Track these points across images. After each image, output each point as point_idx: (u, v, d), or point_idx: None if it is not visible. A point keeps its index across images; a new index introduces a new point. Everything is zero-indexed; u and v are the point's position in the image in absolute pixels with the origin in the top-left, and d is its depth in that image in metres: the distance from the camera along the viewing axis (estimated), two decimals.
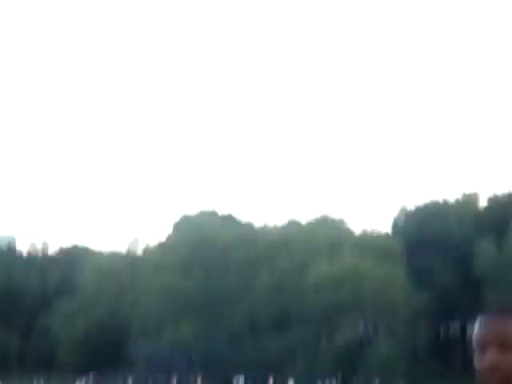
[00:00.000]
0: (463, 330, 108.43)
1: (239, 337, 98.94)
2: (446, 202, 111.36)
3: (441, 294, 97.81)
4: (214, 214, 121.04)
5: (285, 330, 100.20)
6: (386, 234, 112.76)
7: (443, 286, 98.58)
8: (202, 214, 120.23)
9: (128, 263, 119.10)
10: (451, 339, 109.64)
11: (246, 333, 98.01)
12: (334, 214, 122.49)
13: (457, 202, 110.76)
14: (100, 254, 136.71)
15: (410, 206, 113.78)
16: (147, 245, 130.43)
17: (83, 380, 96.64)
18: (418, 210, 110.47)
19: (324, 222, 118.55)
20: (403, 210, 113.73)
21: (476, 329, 2.71)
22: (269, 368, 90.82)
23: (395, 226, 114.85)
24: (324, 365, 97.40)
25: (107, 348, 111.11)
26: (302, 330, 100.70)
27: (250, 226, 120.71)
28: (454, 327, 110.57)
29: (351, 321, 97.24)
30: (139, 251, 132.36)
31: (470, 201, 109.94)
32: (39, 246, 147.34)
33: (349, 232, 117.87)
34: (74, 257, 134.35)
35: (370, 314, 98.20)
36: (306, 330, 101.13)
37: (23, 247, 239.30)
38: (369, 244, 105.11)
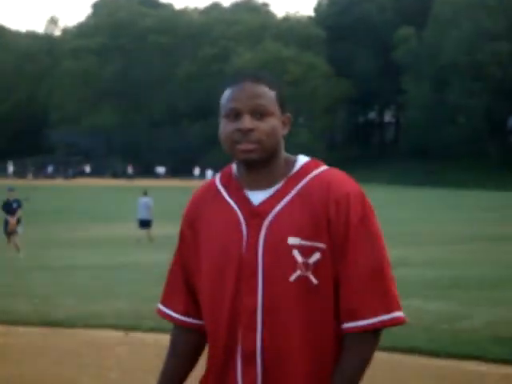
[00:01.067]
0: (381, 116, 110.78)
1: (160, 124, 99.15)
2: None
3: (360, 81, 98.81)
4: None
5: (205, 119, 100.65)
6: (309, 19, 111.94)
7: (363, 73, 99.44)
8: None
9: (46, 46, 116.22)
10: (369, 125, 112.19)
11: (167, 121, 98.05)
12: None
13: None
14: (17, 33, 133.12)
15: None
16: (65, 25, 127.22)
17: (9, 164, 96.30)
18: None
19: (247, 6, 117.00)
20: None
21: (228, 95, 2.59)
22: (191, 158, 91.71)
23: (317, 10, 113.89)
24: None
25: (26, 134, 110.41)
26: None
27: (170, 8, 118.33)
28: (372, 114, 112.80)
29: None
30: (57, 32, 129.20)
31: None
32: None
33: (272, 16, 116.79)
34: None
35: (291, 102, 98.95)
36: None
37: None
38: (291, 30, 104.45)
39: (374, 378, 7.59)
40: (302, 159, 2.65)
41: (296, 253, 2.48)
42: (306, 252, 2.48)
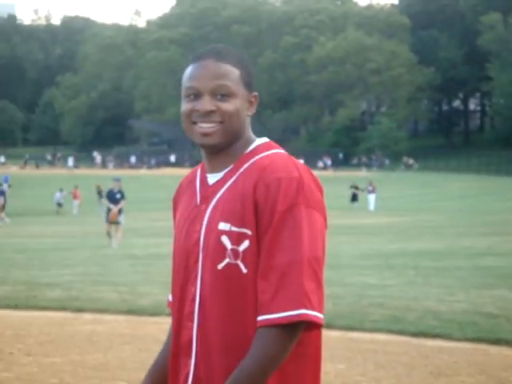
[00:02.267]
0: (466, 104, 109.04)
1: None
2: None
3: (444, 69, 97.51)
4: None
5: (288, 107, 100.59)
6: (392, 7, 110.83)
7: (447, 61, 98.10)
8: None
9: (130, 37, 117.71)
10: (453, 113, 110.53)
11: None
12: None
13: None
14: (102, 25, 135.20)
15: None
16: (150, 17, 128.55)
17: (96, 154, 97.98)
18: None
19: None
20: None
21: (188, 73, 2.42)
22: None
23: None
24: (326, 142, 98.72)
25: (111, 125, 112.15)
26: (305, 106, 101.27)
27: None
28: (457, 102, 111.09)
29: (354, 97, 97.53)
30: (141, 24, 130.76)
31: None
32: (42, 15, 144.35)
33: (354, 5, 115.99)
34: (76, 28, 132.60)
35: (374, 90, 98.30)
36: (309, 107, 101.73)
37: (24, 17, 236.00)
38: (374, 18, 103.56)
39: (459, 369, 7.52)
40: (259, 141, 2.48)
41: (225, 239, 2.34)
42: (236, 239, 2.33)
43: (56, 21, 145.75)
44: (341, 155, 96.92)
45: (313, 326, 2.29)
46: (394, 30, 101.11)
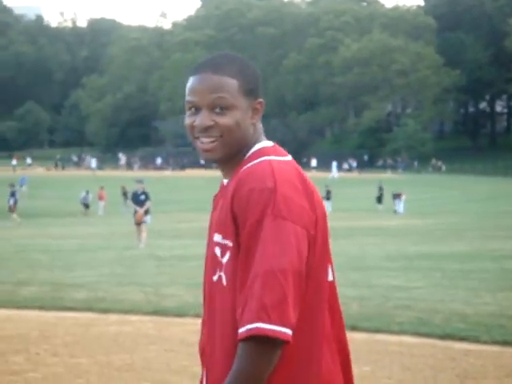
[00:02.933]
0: (492, 106, 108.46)
1: (267, 115, 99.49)
2: None
3: (471, 70, 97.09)
4: None
5: (313, 109, 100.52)
6: (418, 9, 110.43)
7: (474, 62, 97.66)
8: None
9: (156, 39, 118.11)
10: (480, 116, 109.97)
11: (275, 112, 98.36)
12: None
13: None
14: (128, 27, 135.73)
15: None
16: (175, 19, 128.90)
17: (121, 155, 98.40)
18: None
19: None
20: None
21: (188, 87, 2.41)
22: (297, 147, 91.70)
23: (428, 0, 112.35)
24: (351, 143, 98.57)
25: (136, 126, 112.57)
26: (330, 108, 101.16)
27: (277, 0, 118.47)
28: (483, 104, 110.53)
29: (380, 99, 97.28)
30: (167, 26, 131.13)
31: None
32: (68, 18, 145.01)
33: (380, 6, 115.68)
34: (102, 30, 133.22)
35: (399, 92, 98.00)
36: (334, 109, 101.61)
37: (51, 19, 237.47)
38: (400, 20, 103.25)
39: (486, 372, 7.46)
40: (256, 147, 2.43)
41: (217, 250, 2.35)
42: (223, 250, 2.34)
43: (82, 23, 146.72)
44: (366, 157, 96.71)
45: (279, 343, 2.22)
46: (419, 31, 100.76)
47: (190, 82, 2.42)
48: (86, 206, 46.62)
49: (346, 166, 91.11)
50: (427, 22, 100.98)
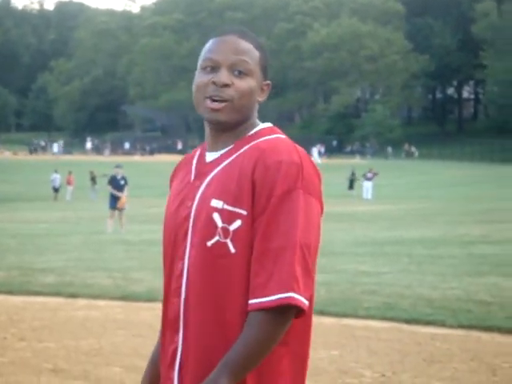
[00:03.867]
0: (459, 92, 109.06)
1: None
2: None
3: (439, 56, 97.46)
4: None
5: (282, 94, 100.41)
6: None
7: (442, 48, 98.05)
8: None
9: (124, 22, 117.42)
10: (447, 101, 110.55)
11: None
12: None
13: None
14: (96, 11, 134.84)
15: None
16: (143, 3, 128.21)
17: (88, 140, 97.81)
18: None
19: None
20: None
21: (209, 46, 2.41)
22: None
23: None
24: (320, 129, 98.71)
25: (105, 110, 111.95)
26: (299, 93, 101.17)
27: None
28: (451, 90, 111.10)
29: (349, 84, 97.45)
30: (135, 10, 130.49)
31: None
32: (35, 0, 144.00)
33: None
34: (69, 13, 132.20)
35: (368, 78, 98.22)
36: (303, 94, 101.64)
37: (17, 2, 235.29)
38: (369, 5, 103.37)
39: (452, 356, 7.55)
40: (263, 125, 2.45)
41: (216, 216, 2.32)
42: (228, 217, 2.30)
43: (50, 6, 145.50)
44: (335, 142, 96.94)
45: (297, 313, 2.27)
46: (388, 16, 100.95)
47: (213, 42, 2.43)
48: (56, 190, 46.48)
49: (314, 150, 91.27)
50: (396, 7, 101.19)
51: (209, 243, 2.32)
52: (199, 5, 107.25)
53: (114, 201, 22.90)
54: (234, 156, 2.39)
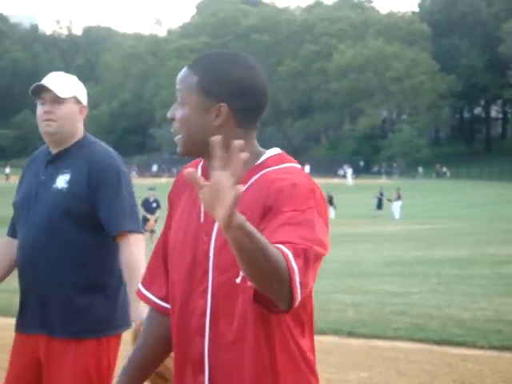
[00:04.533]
0: (487, 111, 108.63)
1: (263, 122, 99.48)
2: None
3: (466, 76, 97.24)
4: None
5: (308, 116, 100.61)
6: (413, 15, 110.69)
7: (469, 68, 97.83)
8: None
9: (151, 46, 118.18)
10: (475, 121, 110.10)
11: (270, 118, 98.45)
12: None
13: None
14: (124, 35, 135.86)
15: None
16: (170, 26, 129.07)
17: None
18: None
19: (349, 3, 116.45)
20: None
21: None
22: (293, 153, 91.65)
23: (422, 6, 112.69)
24: (347, 150, 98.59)
25: (132, 133, 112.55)
26: (325, 115, 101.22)
27: (272, 6, 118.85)
28: (478, 109, 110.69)
29: (375, 105, 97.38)
30: (162, 33, 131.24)
31: None
32: (63, 25, 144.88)
33: (375, 13, 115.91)
34: (97, 38, 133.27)
35: (394, 98, 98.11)
36: (330, 115, 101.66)
37: (46, 27, 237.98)
38: (395, 26, 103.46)
39: (483, 377, 7.45)
40: (270, 152, 2.34)
41: None
42: None
43: (77, 30, 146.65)
44: (361, 163, 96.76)
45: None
46: (414, 37, 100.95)
47: None
48: None
49: (341, 172, 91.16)
50: (422, 28, 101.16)
51: (238, 280, 2.23)
52: (225, 28, 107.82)
53: (145, 223, 23.00)
54: (248, 184, 2.27)
